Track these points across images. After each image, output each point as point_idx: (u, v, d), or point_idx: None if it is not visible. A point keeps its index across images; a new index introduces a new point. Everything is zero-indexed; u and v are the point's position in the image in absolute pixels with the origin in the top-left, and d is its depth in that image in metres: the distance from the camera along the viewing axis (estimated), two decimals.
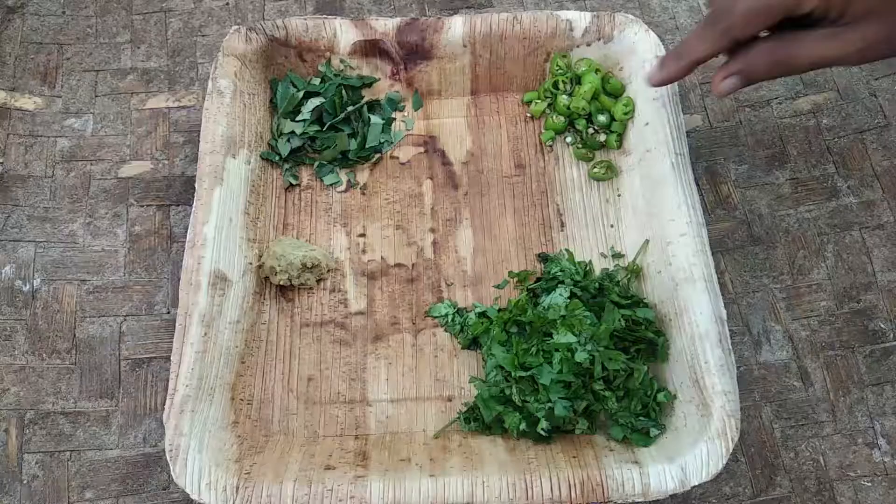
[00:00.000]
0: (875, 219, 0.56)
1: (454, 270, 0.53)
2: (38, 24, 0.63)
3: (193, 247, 0.47)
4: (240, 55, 0.53)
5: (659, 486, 0.40)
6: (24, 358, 0.51)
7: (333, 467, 0.43)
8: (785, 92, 0.61)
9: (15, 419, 0.50)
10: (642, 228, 0.51)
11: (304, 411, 0.48)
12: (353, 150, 0.55)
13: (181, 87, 0.61)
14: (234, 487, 0.41)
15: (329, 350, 0.50)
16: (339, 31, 0.55)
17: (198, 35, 0.63)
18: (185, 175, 0.57)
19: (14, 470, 0.48)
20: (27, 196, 0.56)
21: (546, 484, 0.40)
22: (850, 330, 0.53)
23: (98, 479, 0.48)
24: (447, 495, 0.40)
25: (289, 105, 0.55)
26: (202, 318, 0.45)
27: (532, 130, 0.58)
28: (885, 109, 0.60)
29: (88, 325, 0.52)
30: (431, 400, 0.49)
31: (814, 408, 0.51)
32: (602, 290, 0.49)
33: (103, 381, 0.51)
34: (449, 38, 0.55)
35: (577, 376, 0.44)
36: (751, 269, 0.55)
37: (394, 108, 0.58)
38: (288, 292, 0.52)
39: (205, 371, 0.44)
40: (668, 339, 0.47)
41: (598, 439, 0.45)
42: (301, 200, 0.55)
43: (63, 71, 0.61)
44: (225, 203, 0.49)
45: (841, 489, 0.49)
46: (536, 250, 0.53)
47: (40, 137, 0.59)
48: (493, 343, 0.47)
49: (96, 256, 0.55)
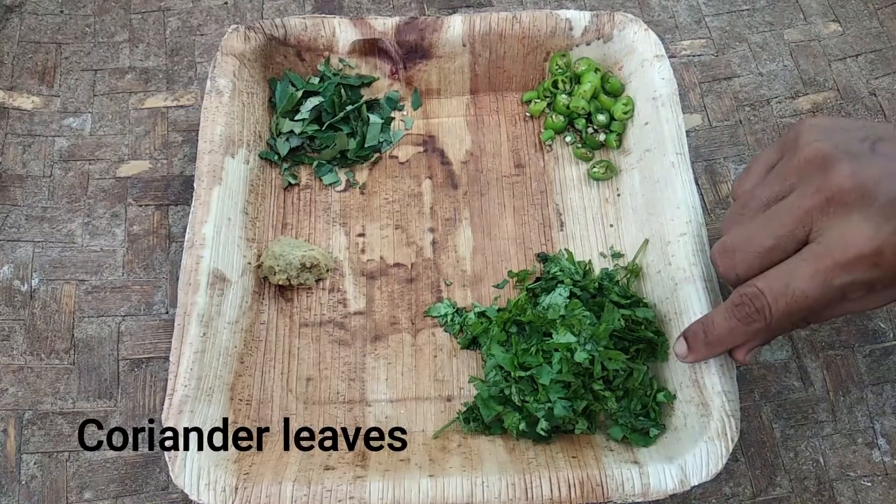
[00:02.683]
0: None
1: (453, 270, 0.53)
2: (36, 23, 0.63)
3: (192, 246, 0.47)
4: (238, 54, 0.53)
5: (659, 486, 0.40)
6: (22, 358, 0.51)
7: (333, 467, 0.43)
8: (785, 91, 0.61)
9: (13, 419, 0.50)
10: (642, 228, 0.51)
11: (303, 411, 0.48)
12: (352, 150, 0.55)
13: (180, 87, 0.61)
14: (233, 488, 0.41)
15: (328, 350, 0.50)
16: (338, 30, 0.55)
17: (196, 34, 0.63)
18: (183, 174, 0.57)
19: (12, 470, 0.48)
20: (25, 196, 0.56)
21: (546, 484, 0.40)
22: (850, 330, 0.53)
23: (97, 480, 0.48)
24: (447, 495, 0.40)
25: (288, 104, 0.55)
26: (201, 317, 0.45)
27: (531, 130, 0.58)
28: (885, 109, 0.60)
29: (87, 326, 0.52)
30: (431, 400, 0.49)
31: (814, 408, 0.51)
32: (602, 289, 0.49)
33: (102, 381, 0.51)
34: (448, 38, 0.55)
35: (577, 376, 0.44)
36: None
37: (393, 108, 0.58)
38: (287, 292, 0.52)
39: (203, 371, 0.44)
40: (667, 339, 0.47)
41: (597, 439, 0.45)
42: (300, 200, 0.55)
43: (61, 70, 0.61)
44: (224, 203, 0.49)
45: (841, 489, 0.49)
46: (536, 250, 0.53)
47: (38, 137, 0.58)
48: (492, 343, 0.47)
49: (95, 256, 0.54)
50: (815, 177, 0.34)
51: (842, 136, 0.34)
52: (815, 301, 0.33)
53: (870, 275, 0.31)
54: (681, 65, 0.62)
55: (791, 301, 0.33)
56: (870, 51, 0.62)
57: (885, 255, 0.31)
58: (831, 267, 0.32)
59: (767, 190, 0.37)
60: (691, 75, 0.62)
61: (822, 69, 0.62)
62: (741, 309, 0.35)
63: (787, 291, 0.33)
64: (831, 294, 0.32)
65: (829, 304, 0.33)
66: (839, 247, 0.32)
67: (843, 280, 0.32)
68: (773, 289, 0.34)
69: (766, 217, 0.35)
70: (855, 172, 0.32)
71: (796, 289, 0.33)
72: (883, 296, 0.34)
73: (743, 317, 0.35)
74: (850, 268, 0.31)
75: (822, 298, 0.33)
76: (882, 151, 0.33)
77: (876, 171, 0.32)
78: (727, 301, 0.37)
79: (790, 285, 0.33)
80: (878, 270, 0.31)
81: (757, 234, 0.35)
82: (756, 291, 0.34)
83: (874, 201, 0.31)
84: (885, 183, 0.31)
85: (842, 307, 0.35)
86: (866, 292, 0.33)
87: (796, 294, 0.33)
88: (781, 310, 0.34)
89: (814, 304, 0.33)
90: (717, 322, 0.37)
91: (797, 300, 0.33)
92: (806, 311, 0.34)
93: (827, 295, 0.33)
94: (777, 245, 0.34)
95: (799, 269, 0.33)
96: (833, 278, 0.32)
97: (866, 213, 0.31)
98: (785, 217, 0.34)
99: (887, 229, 0.31)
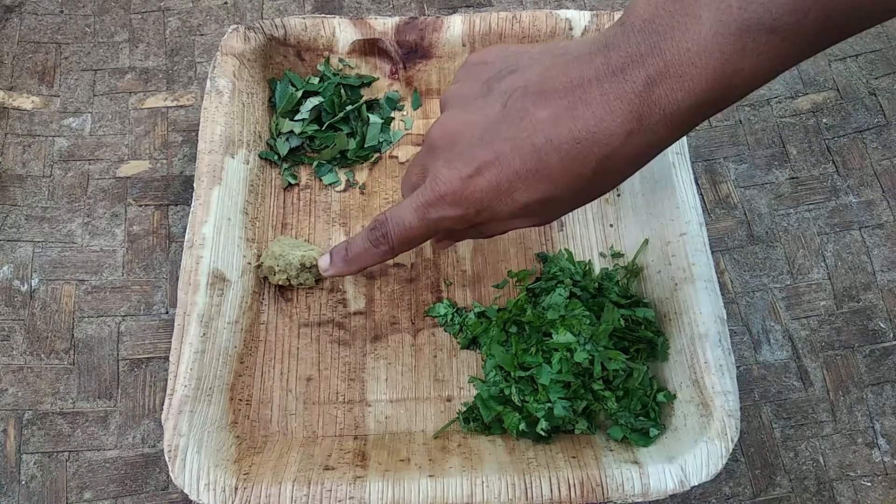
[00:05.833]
0: (875, 218, 0.56)
1: (453, 270, 0.53)
2: (36, 23, 0.63)
3: (192, 246, 0.47)
4: (238, 54, 0.53)
5: (659, 486, 0.40)
6: (22, 358, 0.51)
7: (332, 468, 0.43)
8: (785, 91, 0.61)
9: (13, 419, 0.50)
10: (642, 228, 0.51)
11: (302, 411, 0.48)
12: (352, 150, 0.55)
13: (179, 87, 0.61)
14: (233, 488, 0.41)
15: (328, 350, 0.50)
16: (337, 30, 0.55)
17: (196, 34, 0.63)
18: (183, 174, 0.57)
19: (12, 471, 0.48)
20: (25, 196, 0.56)
21: (545, 484, 0.40)
22: (850, 330, 0.53)
23: (96, 480, 0.48)
24: (446, 496, 0.40)
25: (287, 104, 0.55)
26: (201, 318, 0.45)
27: None
28: (885, 109, 0.60)
29: (87, 326, 0.52)
30: (430, 400, 0.49)
31: (813, 408, 0.51)
32: (601, 289, 0.49)
33: (102, 381, 0.51)
34: (448, 37, 0.55)
35: (577, 376, 0.44)
36: (750, 269, 0.55)
37: (393, 108, 0.58)
38: (287, 292, 0.52)
39: (203, 371, 0.44)
40: (667, 339, 0.47)
41: (597, 439, 0.45)
42: (300, 200, 0.55)
43: (61, 70, 0.61)
44: (223, 203, 0.49)
45: (841, 489, 0.49)
46: (536, 250, 0.53)
47: (38, 137, 0.58)
48: (492, 343, 0.47)
49: (94, 256, 0.54)
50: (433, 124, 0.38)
51: (475, 76, 0.38)
52: (421, 231, 0.38)
53: (455, 211, 0.36)
54: None
55: (403, 230, 0.38)
56: (870, 51, 0.62)
57: (462, 195, 0.35)
58: (424, 203, 0.37)
59: None
60: None
61: (822, 69, 0.62)
62: (373, 233, 0.41)
63: (399, 222, 0.39)
64: (432, 225, 0.37)
65: (439, 232, 0.38)
66: (429, 186, 0.36)
67: (436, 214, 0.36)
68: (392, 218, 0.39)
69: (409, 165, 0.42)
70: (447, 121, 0.36)
71: (405, 219, 0.38)
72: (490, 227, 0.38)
73: (374, 239, 0.41)
74: (437, 205, 0.36)
75: (425, 229, 0.38)
76: (496, 91, 0.35)
77: (469, 118, 0.36)
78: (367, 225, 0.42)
79: (402, 217, 0.38)
80: (459, 208, 0.35)
81: (405, 180, 0.41)
82: (383, 219, 0.40)
83: (455, 147, 0.35)
84: (468, 131, 0.35)
85: (463, 233, 0.40)
86: (468, 225, 0.37)
87: (405, 224, 0.38)
88: (397, 237, 0.39)
89: (422, 233, 0.38)
90: (356, 243, 0.43)
91: (406, 230, 0.38)
92: (418, 238, 0.39)
93: (429, 226, 0.37)
94: (414, 187, 0.40)
95: (407, 204, 0.38)
96: (428, 212, 0.37)
97: (448, 158, 0.35)
98: (412, 165, 0.40)
99: (463, 172, 0.35)
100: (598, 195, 0.35)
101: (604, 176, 0.33)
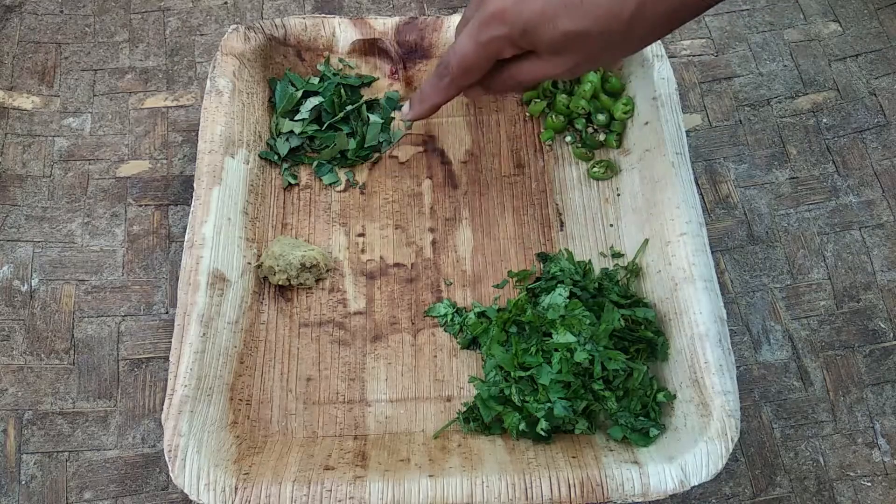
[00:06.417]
0: (875, 218, 0.56)
1: (453, 270, 0.53)
2: (36, 23, 0.63)
3: (192, 246, 0.47)
4: (238, 54, 0.53)
5: (659, 486, 0.40)
6: (22, 358, 0.51)
7: (332, 468, 0.43)
8: (785, 91, 0.61)
9: (13, 419, 0.50)
10: (642, 228, 0.51)
11: (302, 411, 0.48)
12: (352, 150, 0.55)
13: (179, 87, 0.61)
14: (233, 488, 0.41)
15: (328, 350, 0.50)
16: (337, 30, 0.55)
17: (196, 34, 0.63)
18: (183, 174, 0.57)
19: (12, 470, 0.48)
20: (25, 196, 0.56)
21: (545, 484, 0.40)
22: (850, 329, 0.53)
23: (96, 480, 0.48)
24: (446, 496, 0.40)
25: (287, 104, 0.55)
26: (201, 318, 0.45)
27: (531, 130, 0.58)
28: (885, 109, 0.60)
29: (87, 326, 0.52)
30: (431, 400, 0.49)
31: (813, 408, 0.51)
32: (601, 289, 0.49)
33: (102, 381, 0.51)
34: (448, 38, 0.55)
35: (577, 376, 0.44)
36: (750, 269, 0.55)
37: (393, 108, 0.58)
38: (287, 292, 0.52)
39: (203, 371, 0.44)
40: (667, 339, 0.47)
41: (597, 439, 0.45)
42: (300, 200, 0.55)
43: (61, 70, 0.61)
44: (223, 203, 0.49)
45: (841, 489, 0.49)
46: (536, 250, 0.53)
47: (38, 137, 0.58)
48: (492, 343, 0.47)
49: (94, 256, 0.54)
50: None
51: None
52: (475, 56, 0.42)
53: (502, 29, 0.39)
54: (681, 65, 0.62)
55: (459, 57, 0.42)
56: (870, 51, 0.62)
57: (511, 13, 0.38)
58: (477, 26, 0.40)
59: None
60: (691, 75, 0.62)
61: (822, 69, 0.62)
62: (438, 68, 0.45)
63: (456, 50, 0.43)
64: (481, 50, 0.41)
65: (489, 58, 0.42)
66: (482, 10, 0.40)
67: (486, 35, 0.40)
68: (451, 50, 0.43)
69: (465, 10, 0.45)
70: None
71: (460, 47, 0.42)
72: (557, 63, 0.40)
73: (438, 73, 0.45)
74: (488, 24, 0.40)
75: (477, 54, 0.41)
76: None
77: None
78: None
79: (458, 45, 0.42)
80: (506, 26, 0.39)
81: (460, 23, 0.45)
82: (445, 53, 0.44)
83: None
84: None
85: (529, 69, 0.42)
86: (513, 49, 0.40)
87: (460, 52, 0.42)
88: (455, 64, 0.43)
89: (475, 59, 0.42)
90: (427, 82, 0.47)
91: (462, 56, 0.42)
92: (473, 65, 0.42)
93: (479, 51, 0.41)
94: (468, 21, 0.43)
95: (462, 33, 0.42)
96: (480, 35, 0.40)
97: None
98: (467, 8, 0.44)
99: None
100: (625, 51, 0.39)
101: (639, 23, 0.36)
